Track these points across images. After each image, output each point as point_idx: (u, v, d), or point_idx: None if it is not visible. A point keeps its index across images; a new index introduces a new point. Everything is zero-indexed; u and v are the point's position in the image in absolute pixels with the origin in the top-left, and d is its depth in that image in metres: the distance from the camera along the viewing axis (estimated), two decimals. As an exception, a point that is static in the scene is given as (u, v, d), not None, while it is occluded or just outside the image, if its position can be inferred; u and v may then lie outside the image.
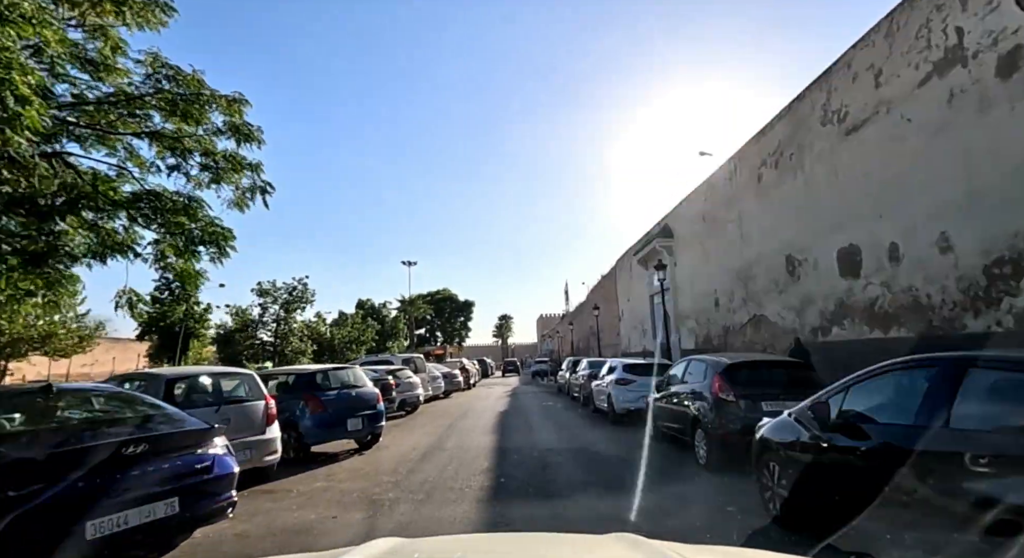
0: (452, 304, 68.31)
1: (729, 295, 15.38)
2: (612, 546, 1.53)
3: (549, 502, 5.34)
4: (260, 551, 4.09)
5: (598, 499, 5.41)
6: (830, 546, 3.13)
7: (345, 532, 4.55)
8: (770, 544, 3.89)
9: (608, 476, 6.36)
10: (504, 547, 1.67)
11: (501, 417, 12.60)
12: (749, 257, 14.14)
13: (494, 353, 73.92)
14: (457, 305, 68.66)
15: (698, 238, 17.85)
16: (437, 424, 11.83)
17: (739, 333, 14.68)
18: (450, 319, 68.44)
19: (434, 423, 12.05)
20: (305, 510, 5.30)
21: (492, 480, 6.26)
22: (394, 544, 1.47)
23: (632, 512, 4.79)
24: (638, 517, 4.64)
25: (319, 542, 4.36)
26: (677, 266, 19.38)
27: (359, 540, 2.22)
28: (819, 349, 10.34)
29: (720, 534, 4.13)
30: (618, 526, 2.63)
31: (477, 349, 69.41)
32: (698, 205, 17.81)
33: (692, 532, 4.12)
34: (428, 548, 1.55)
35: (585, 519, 4.71)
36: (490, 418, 12.46)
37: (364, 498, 5.63)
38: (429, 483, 6.14)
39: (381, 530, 4.53)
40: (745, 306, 14.46)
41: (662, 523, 4.40)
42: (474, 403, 16.90)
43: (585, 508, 5.12)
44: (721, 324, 15.88)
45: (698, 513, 4.75)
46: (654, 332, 21.13)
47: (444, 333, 67.33)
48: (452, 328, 68.36)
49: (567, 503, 5.28)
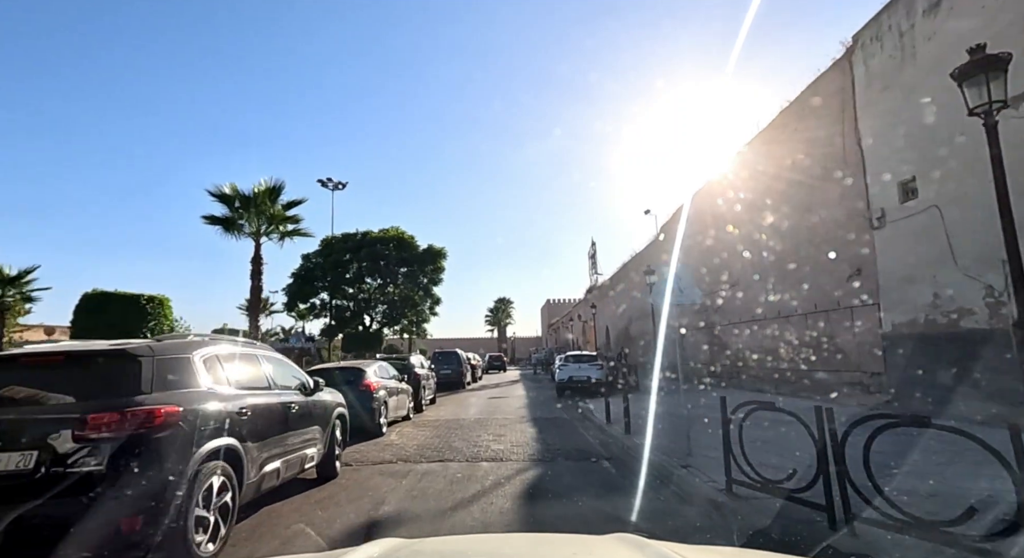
0: (403, 251, 32.88)
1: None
2: (613, 546, 1.53)
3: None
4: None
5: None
6: (830, 546, 3.39)
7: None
8: (770, 543, 3.95)
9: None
10: (504, 547, 1.65)
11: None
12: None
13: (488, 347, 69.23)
14: (414, 255, 33.18)
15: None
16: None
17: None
18: (403, 282, 33.33)
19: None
20: None
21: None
22: (394, 544, 1.49)
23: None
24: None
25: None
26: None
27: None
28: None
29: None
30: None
31: (464, 342, 52.54)
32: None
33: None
34: (428, 548, 1.57)
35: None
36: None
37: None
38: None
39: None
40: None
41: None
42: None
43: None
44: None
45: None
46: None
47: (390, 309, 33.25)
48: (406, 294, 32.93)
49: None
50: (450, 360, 27.09)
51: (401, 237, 32.22)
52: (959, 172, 8.52)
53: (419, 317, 32.86)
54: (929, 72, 9.14)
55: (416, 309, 32.26)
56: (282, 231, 16.98)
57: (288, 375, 6.22)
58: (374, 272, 31.07)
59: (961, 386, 8.47)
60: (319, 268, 29.98)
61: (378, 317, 32.68)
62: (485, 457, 8.10)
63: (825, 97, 12.48)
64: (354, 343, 31.07)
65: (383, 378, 11.53)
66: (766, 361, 15.23)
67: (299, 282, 30.36)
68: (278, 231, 16.88)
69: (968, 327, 8.60)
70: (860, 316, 11.43)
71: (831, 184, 12.25)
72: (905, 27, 9.81)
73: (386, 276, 31.36)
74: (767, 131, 15.61)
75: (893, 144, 10.14)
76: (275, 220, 16.43)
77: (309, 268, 29.88)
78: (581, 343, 53.00)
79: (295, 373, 6.42)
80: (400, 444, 9.60)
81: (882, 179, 10.31)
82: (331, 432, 6.81)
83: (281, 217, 16.48)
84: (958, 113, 6.14)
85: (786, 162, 14.23)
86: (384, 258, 30.63)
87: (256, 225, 16.35)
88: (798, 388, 13.60)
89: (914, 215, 9.71)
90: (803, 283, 13.48)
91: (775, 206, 14.75)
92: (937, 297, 9.22)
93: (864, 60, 10.96)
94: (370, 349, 29.66)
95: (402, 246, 32.05)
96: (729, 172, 18.35)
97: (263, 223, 16.35)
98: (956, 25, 8.63)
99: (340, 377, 10.54)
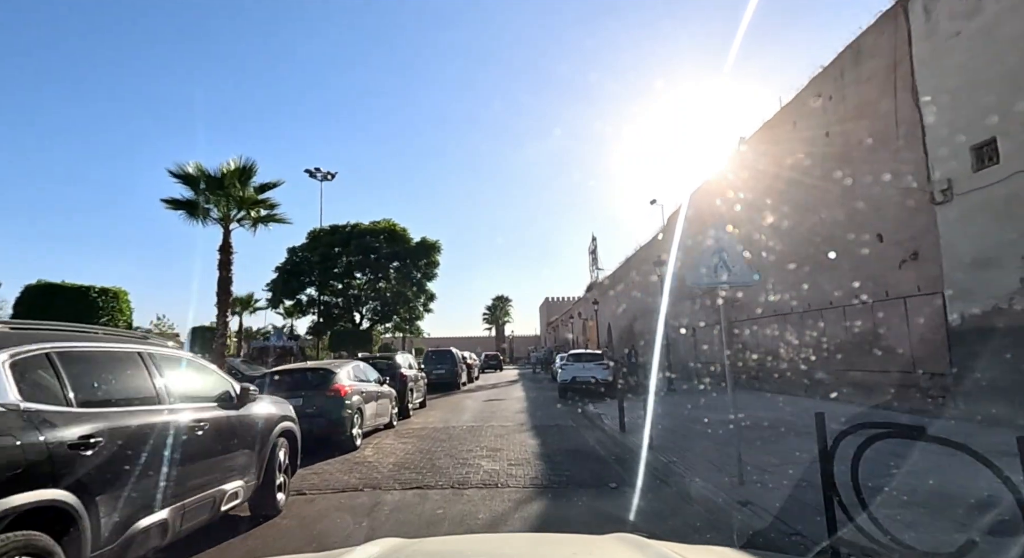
0: (395, 244, 30.59)
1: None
2: (613, 546, 1.50)
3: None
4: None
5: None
6: (830, 546, 3.13)
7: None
8: (770, 543, 3.86)
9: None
10: (504, 547, 1.62)
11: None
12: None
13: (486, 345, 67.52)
14: (407, 249, 30.94)
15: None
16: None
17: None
18: (395, 277, 31.44)
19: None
20: None
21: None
22: (394, 544, 1.46)
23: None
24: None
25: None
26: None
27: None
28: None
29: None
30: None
31: (462, 341, 51.54)
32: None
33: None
34: (428, 548, 1.54)
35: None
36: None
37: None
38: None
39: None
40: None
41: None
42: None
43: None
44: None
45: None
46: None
47: (383, 307, 31.87)
48: (400, 292, 31.20)
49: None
50: (444, 359, 25.42)
51: (393, 229, 29.82)
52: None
53: (412, 314, 30.92)
54: (1019, 6, 7.51)
55: (409, 305, 30.41)
56: (255, 216, 15.24)
57: (203, 383, 4.55)
58: (364, 266, 29.12)
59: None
60: (306, 262, 28.12)
61: (369, 314, 30.91)
62: (476, 482, 6.42)
63: (870, 55, 10.83)
64: (343, 341, 29.32)
65: (359, 380, 9.84)
66: (798, 360, 13.61)
67: (284, 276, 28.54)
68: (250, 217, 15.15)
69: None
70: (916, 307, 9.80)
71: (877, 156, 10.61)
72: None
73: (377, 271, 29.42)
74: (792, 106, 13.97)
75: (965, 101, 8.50)
76: (246, 204, 14.70)
77: (295, 262, 28.07)
78: (581, 341, 51.46)
79: (214, 380, 4.74)
80: (374, 462, 7.94)
81: (951, 142, 8.66)
82: (269, 456, 5.13)
83: (252, 200, 14.73)
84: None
85: (819, 136, 12.59)
86: (375, 251, 28.57)
87: (225, 209, 14.65)
88: (834, 390, 11.99)
89: (993, 185, 8.07)
90: (843, 272, 11.86)
91: (800, 190, 13.11)
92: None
93: (924, 5, 9.31)
94: (360, 348, 27.93)
95: (394, 239, 29.68)
96: (749, 155, 16.73)
97: (232, 207, 14.66)
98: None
99: (305, 380, 8.88)
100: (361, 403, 9.32)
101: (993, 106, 7.98)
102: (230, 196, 14.67)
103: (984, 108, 8.12)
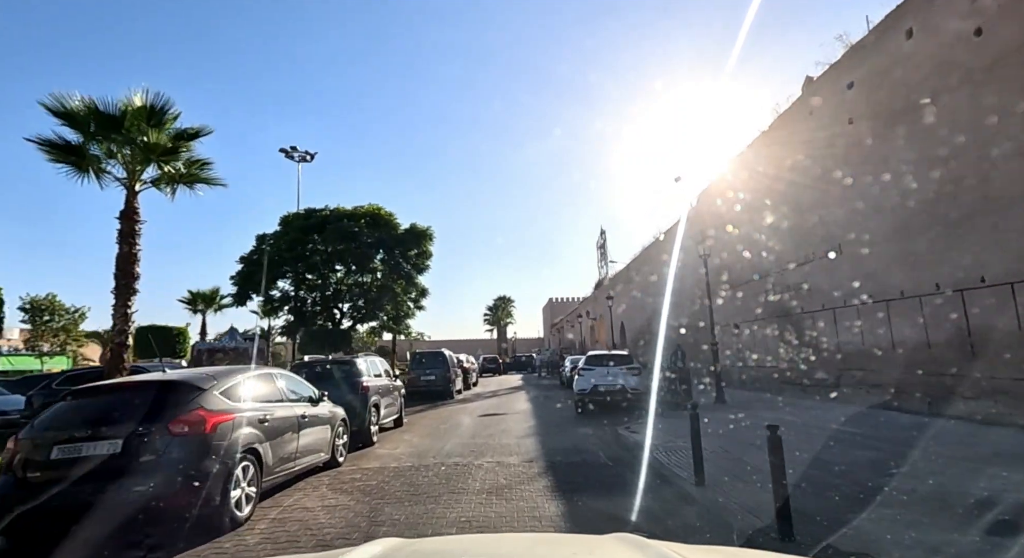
0: (380, 230, 26.11)
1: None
2: (613, 546, 1.46)
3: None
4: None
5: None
6: (830, 546, 3.14)
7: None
8: (770, 543, 3.60)
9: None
10: (504, 548, 1.58)
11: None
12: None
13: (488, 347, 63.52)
14: (394, 236, 26.47)
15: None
16: None
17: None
18: (381, 269, 27.16)
19: None
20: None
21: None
22: (394, 544, 1.45)
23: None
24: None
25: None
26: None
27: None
28: None
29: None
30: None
31: (462, 344, 47.59)
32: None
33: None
34: (428, 548, 1.54)
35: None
36: None
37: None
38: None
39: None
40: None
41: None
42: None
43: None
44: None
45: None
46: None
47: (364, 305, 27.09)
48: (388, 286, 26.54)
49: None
50: (434, 362, 21.44)
51: (377, 214, 25.81)
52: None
53: (400, 311, 26.96)
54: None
55: (396, 301, 26.42)
56: (171, 173, 11.37)
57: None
58: (344, 255, 25.12)
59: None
60: (276, 251, 24.21)
61: (350, 311, 26.96)
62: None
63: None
64: (318, 342, 25.41)
65: (256, 402, 5.82)
66: (890, 359, 9.66)
67: (251, 267, 24.68)
68: (164, 173, 11.31)
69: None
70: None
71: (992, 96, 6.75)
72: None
73: (359, 261, 25.43)
74: (858, 49, 10.11)
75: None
76: (155, 153, 10.84)
77: (264, 251, 24.21)
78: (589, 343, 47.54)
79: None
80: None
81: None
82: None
83: (164, 149, 10.87)
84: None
85: (906, 80, 8.73)
86: (355, 238, 24.59)
87: (127, 161, 10.86)
88: (932, 397, 8.15)
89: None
90: (943, 248, 8.03)
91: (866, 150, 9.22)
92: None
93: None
94: (338, 349, 24.05)
95: (377, 224, 25.54)
96: (813, 115, 12.88)
97: (138, 158, 10.85)
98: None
99: (124, 406, 4.92)
100: (257, 441, 5.31)
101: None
102: (134, 142, 10.80)
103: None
